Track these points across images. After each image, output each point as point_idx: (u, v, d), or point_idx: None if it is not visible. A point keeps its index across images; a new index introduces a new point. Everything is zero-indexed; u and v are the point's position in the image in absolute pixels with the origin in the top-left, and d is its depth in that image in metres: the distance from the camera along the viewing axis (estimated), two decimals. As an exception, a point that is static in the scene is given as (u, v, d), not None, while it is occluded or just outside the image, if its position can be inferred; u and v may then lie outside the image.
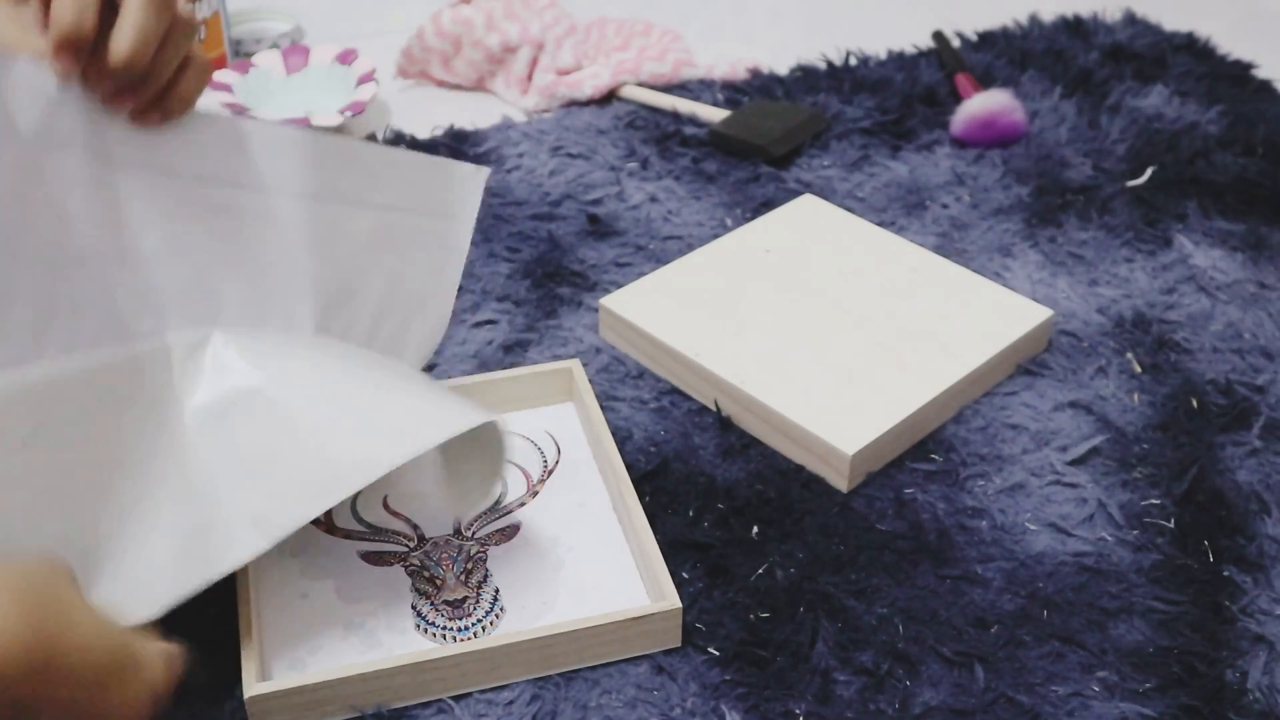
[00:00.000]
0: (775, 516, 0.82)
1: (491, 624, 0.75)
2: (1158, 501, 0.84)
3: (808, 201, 1.10)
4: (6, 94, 0.59)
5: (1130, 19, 1.49)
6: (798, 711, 0.70)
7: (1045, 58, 1.39)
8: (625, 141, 1.23)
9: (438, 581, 0.77)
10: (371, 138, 1.23)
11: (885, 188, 1.17)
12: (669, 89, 1.33)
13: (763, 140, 1.20)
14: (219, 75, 1.27)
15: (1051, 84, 1.33)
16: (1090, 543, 0.81)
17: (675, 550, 0.79)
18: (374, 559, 0.79)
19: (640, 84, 1.32)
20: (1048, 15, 1.50)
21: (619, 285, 1.02)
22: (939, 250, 1.07)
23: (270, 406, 0.69)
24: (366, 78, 1.27)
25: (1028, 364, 0.95)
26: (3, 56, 0.60)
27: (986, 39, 1.44)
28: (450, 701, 0.71)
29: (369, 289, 0.77)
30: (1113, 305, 1.02)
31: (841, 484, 0.84)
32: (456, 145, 1.22)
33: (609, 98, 1.31)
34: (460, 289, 1.02)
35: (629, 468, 0.83)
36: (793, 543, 0.80)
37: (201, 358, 0.70)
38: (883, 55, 1.41)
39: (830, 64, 1.39)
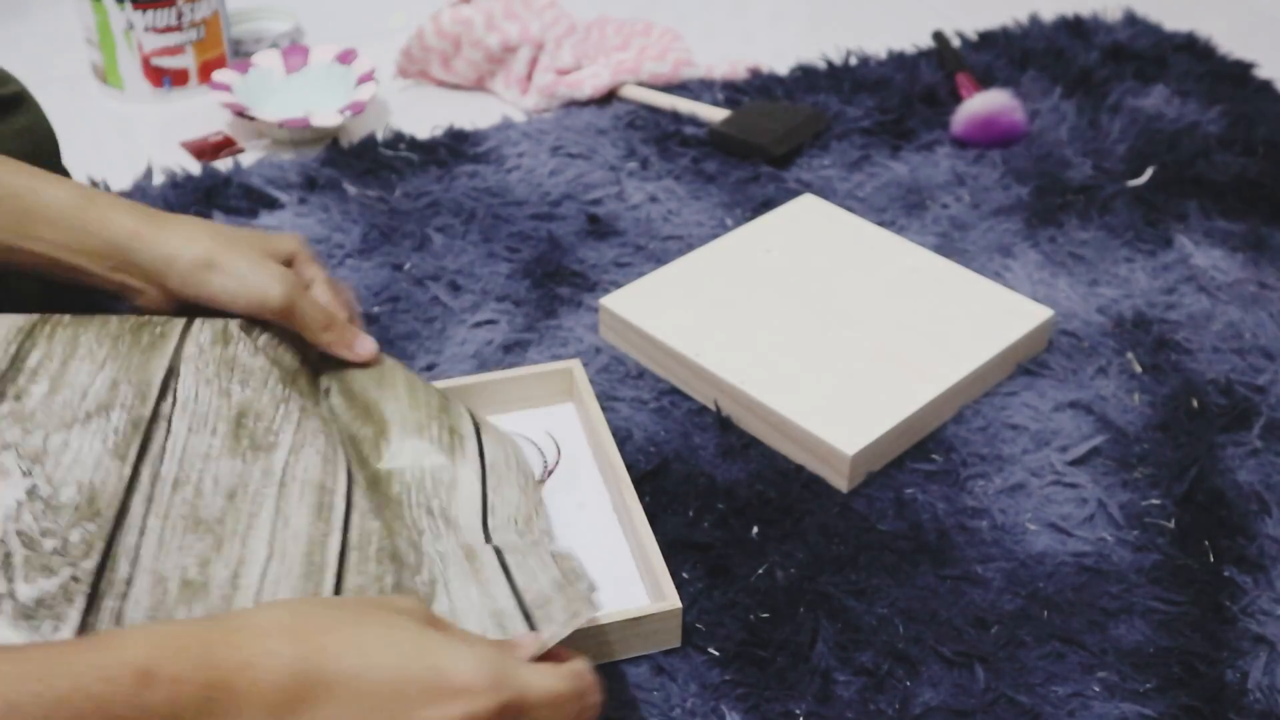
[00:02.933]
0: (775, 516, 0.82)
1: (491, 624, 0.74)
2: (1158, 501, 0.83)
3: (808, 201, 1.10)
4: None
5: (1130, 19, 1.49)
6: (798, 711, 0.70)
7: (1045, 58, 1.39)
8: (625, 141, 1.23)
9: (437, 581, 0.76)
10: (371, 137, 1.23)
11: (885, 188, 1.17)
12: (669, 89, 1.33)
13: (763, 140, 1.20)
14: (218, 75, 1.27)
15: (1051, 84, 1.33)
16: (1090, 543, 0.81)
17: (675, 550, 0.79)
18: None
19: (640, 84, 1.32)
20: (1048, 15, 1.50)
21: (619, 285, 1.02)
22: (939, 250, 1.07)
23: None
24: (366, 77, 1.27)
25: (1028, 364, 0.95)
26: None
27: (986, 39, 1.44)
28: (450, 701, 0.70)
29: None
30: (1113, 305, 1.02)
31: (841, 484, 0.84)
32: (456, 145, 1.22)
33: (609, 98, 1.31)
34: (460, 289, 1.02)
35: (629, 468, 0.83)
36: (793, 543, 0.80)
37: None
38: (883, 55, 1.41)
39: (830, 64, 1.39)
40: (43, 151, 0.90)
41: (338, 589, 0.61)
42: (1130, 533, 0.81)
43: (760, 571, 0.78)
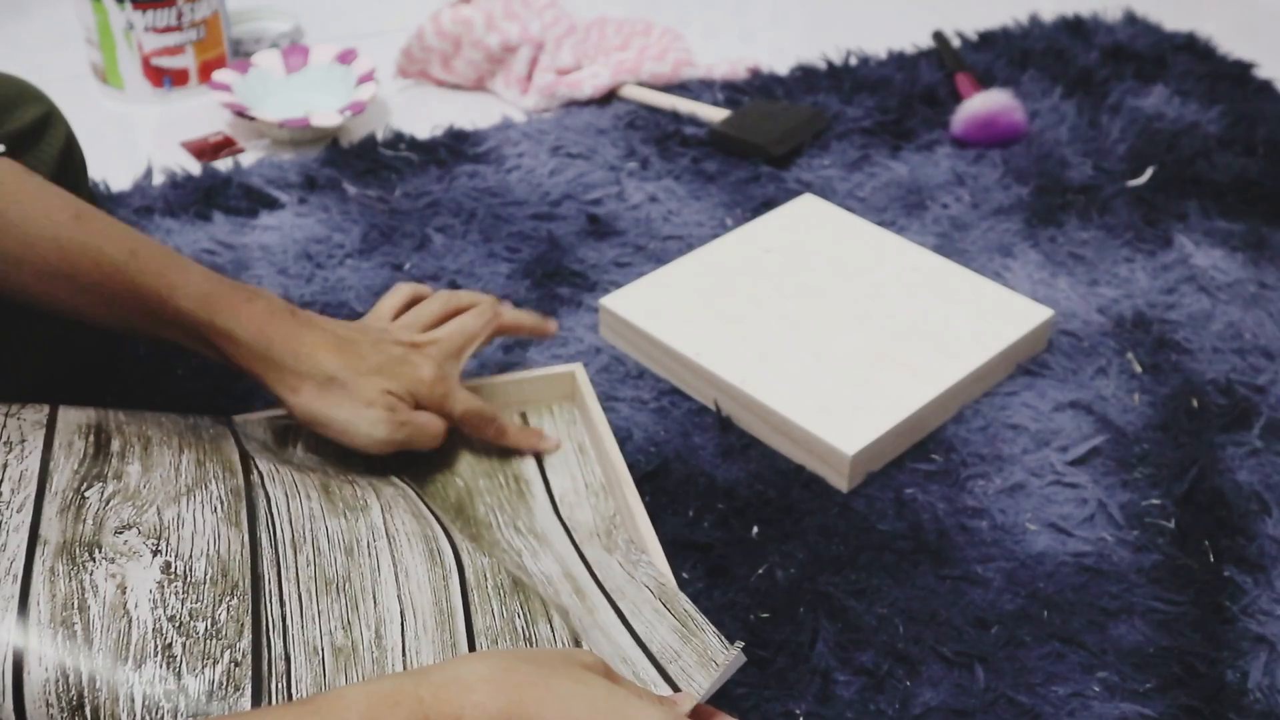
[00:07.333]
0: (775, 516, 0.82)
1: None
2: (1158, 501, 0.83)
3: (808, 201, 1.10)
4: None
5: (1130, 19, 1.49)
6: (798, 711, 0.70)
7: (1045, 58, 1.39)
8: (625, 141, 1.23)
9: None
10: (371, 137, 1.23)
11: (885, 188, 1.17)
12: (669, 89, 1.33)
13: (763, 140, 1.20)
14: (218, 75, 1.27)
15: (1051, 84, 1.33)
16: (1090, 543, 0.81)
17: (675, 550, 0.79)
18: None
19: (640, 84, 1.32)
20: (1048, 15, 1.50)
21: (619, 285, 1.02)
22: (939, 250, 1.07)
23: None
24: (366, 77, 1.27)
25: (1028, 364, 0.95)
26: None
27: (986, 39, 1.44)
28: (450, 701, 0.70)
29: None
30: (1113, 305, 1.02)
31: (841, 484, 0.84)
32: (456, 145, 1.22)
33: (609, 98, 1.31)
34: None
35: (629, 468, 0.83)
36: (793, 543, 0.80)
37: None
38: (883, 55, 1.41)
39: (830, 64, 1.39)
40: (76, 169, 0.90)
41: (469, 631, 0.63)
42: (1130, 533, 0.81)
43: (760, 571, 0.78)
